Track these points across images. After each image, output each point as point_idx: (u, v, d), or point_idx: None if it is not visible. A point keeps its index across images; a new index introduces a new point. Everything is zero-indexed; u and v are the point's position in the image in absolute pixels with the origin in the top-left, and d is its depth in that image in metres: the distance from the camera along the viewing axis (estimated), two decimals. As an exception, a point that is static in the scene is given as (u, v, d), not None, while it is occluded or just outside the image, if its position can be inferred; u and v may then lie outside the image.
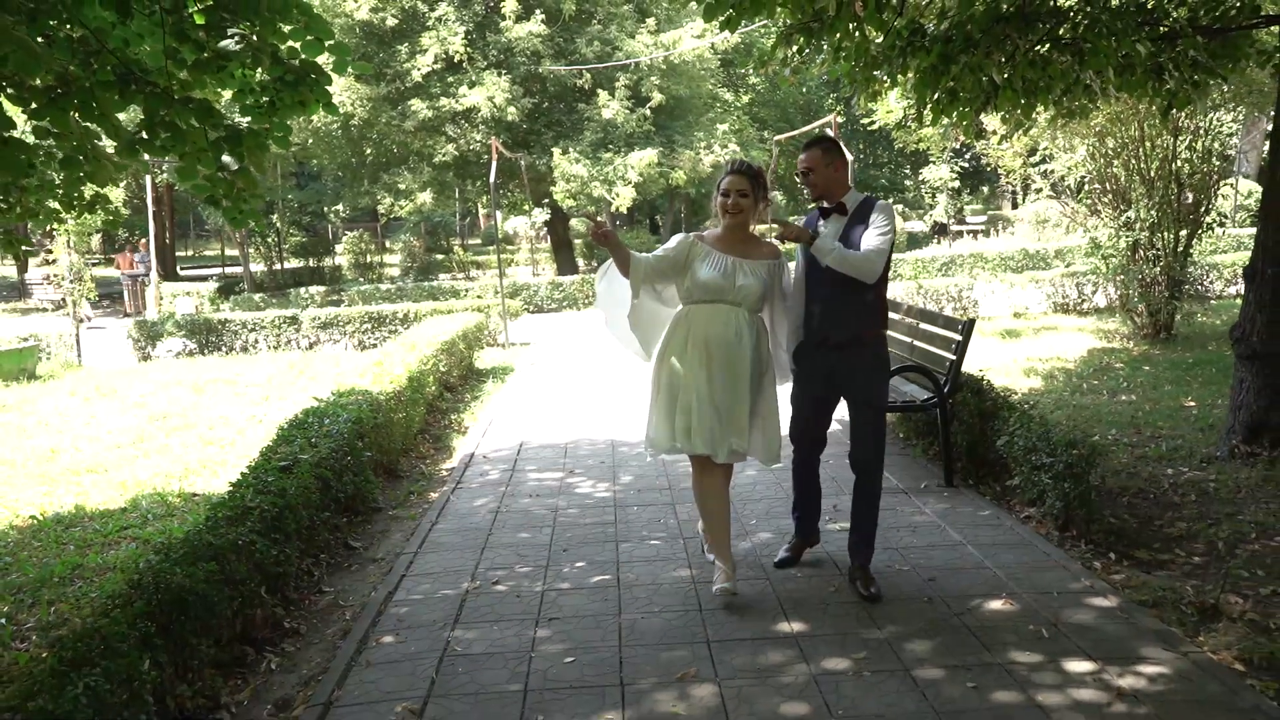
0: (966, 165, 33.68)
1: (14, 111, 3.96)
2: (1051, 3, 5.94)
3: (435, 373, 8.86)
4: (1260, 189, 5.95)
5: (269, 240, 28.38)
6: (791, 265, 4.43)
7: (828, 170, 4.22)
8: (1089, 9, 5.73)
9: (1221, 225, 11.30)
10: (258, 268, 27.96)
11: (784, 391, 4.45)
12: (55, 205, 5.17)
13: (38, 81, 3.76)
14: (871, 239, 4.09)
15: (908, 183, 35.13)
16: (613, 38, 23.54)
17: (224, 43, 3.83)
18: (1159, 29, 5.99)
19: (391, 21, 22.64)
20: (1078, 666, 3.49)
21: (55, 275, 15.19)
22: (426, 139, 23.47)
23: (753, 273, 4.18)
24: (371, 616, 4.23)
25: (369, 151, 24.67)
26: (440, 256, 30.45)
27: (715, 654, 3.72)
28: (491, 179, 15.39)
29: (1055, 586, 4.22)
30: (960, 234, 31.98)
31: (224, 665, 3.83)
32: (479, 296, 18.27)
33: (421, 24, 23.04)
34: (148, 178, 22.06)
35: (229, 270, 31.14)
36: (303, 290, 22.93)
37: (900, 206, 33.55)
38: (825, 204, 4.26)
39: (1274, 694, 3.30)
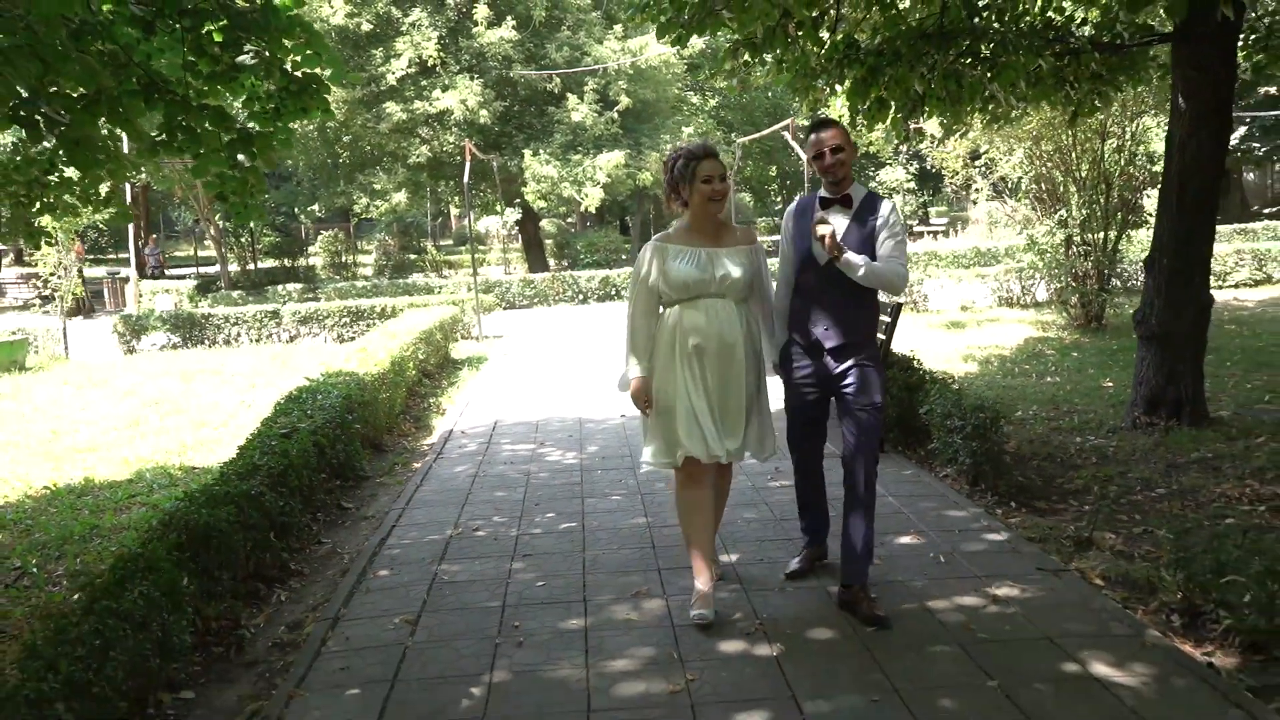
0: (927, 167, 34.59)
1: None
2: (972, 21, 6.65)
3: (415, 359, 9.47)
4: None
5: (243, 240, 28.79)
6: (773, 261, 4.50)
7: (853, 152, 3.89)
8: (1002, 29, 6.46)
9: (1145, 225, 12.10)
10: (232, 267, 28.32)
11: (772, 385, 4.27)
12: (73, 201, 5.75)
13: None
14: (895, 248, 3.84)
15: (872, 185, 36.04)
16: (581, 43, 24.25)
17: (241, 57, 4.44)
18: (1067, 45, 6.72)
19: (366, 27, 23.18)
20: (964, 582, 4.18)
21: (46, 271, 15.59)
22: (401, 141, 24.04)
23: (732, 261, 3.84)
24: (368, 557, 4.86)
25: (344, 153, 25.18)
26: (414, 256, 30.98)
27: (665, 578, 4.38)
28: (465, 180, 16.01)
29: (958, 526, 4.92)
30: (922, 234, 32.88)
31: (241, 597, 4.44)
32: (453, 292, 18.84)
33: (395, 29, 23.59)
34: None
35: (203, 270, 31.44)
36: (280, 288, 23.38)
37: None
38: (828, 194, 3.95)
39: (1120, 600, 4.01)
